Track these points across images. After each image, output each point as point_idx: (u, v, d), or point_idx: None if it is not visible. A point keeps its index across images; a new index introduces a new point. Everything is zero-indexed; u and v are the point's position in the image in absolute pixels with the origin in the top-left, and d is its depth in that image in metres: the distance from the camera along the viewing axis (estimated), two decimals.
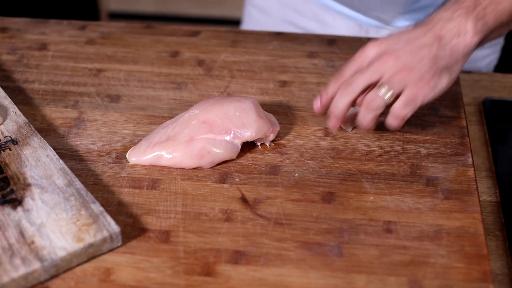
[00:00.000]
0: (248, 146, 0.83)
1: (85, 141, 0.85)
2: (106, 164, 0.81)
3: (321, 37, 1.05)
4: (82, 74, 0.97)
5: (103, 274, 0.69)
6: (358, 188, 0.78)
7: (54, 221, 0.72)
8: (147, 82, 0.95)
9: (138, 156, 0.82)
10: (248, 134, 0.81)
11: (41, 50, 1.02)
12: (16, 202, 0.74)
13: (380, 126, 0.87)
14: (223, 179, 0.79)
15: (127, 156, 0.82)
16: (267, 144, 0.84)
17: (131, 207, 0.76)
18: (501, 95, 1.01)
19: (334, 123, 0.83)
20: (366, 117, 0.81)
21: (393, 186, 0.78)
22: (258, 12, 1.23)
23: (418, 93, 0.79)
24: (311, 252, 0.71)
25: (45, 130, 0.87)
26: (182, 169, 0.81)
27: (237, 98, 0.84)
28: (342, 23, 1.14)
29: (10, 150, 0.80)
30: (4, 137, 0.82)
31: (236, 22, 1.51)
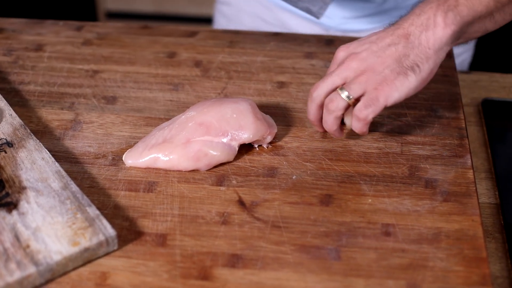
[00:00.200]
0: (245, 148, 0.83)
1: (81, 143, 0.84)
2: (102, 167, 0.81)
3: (319, 37, 1.05)
4: (78, 76, 0.96)
5: (99, 279, 0.68)
6: (356, 191, 0.77)
7: (50, 225, 0.71)
8: (144, 83, 0.95)
9: (135, 159, 0.81)
10: (245, 136, 0.81)
11: (37, 51, 1.02)
12: (11, 206, 0.73)
13: (378, 128, 0.86)
14: (220, 182, 0.79)
15: (124, 159, 0.82)
16: (265, 146, 0.83)
17: (128, 210, 0.75)
18: (500, 96, 1.00)
19: (318, 129, 0.84)
20: (327, 119, 0.80)
21: (392, 188, 0.77)
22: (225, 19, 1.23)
23: (380, 94, 0.77)
24: (309, 256, 0.70)
25: (41, 132, 0.86)
26: (179, 172, 0.80)
27: (234, 100, 0.83)
28: (308, 27, 1.14)
29: (6, 153, 0.80)
30: (0, 140, 0.82)
31: None
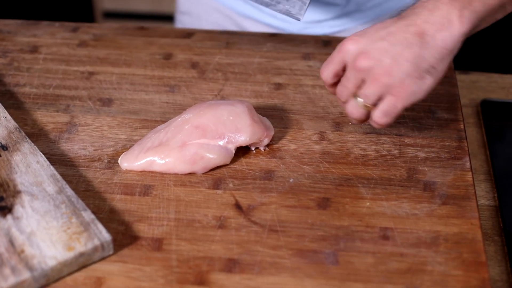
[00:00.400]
0: (242, 151, 0.82)
1: (77, 146, 0.84)
2: (98, 170, 0.80)
3: (317, 38, 1.04)
4: (74, 77, 0.96)
5: (94, 284, 0.67)
6: (354, 194, 0.77)
7: (45, 229, 0.70)
8: (140, 85, 0.94)
9: (130, 162, 0.80)
10: (242, 139, 0.80)
11: (33, 53, 1.01)
12: (6, 210, 0.72)
13: (376, 129, 0.85)
14: (217, 185, 0.78)
15: (119, 162, 0.81)
16: (262, 149, 0.82)
17: (123, 214, 0.75)
18: (499, 96, 0.99)
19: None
20: (355, 124, 0.80)
21: (390, 192, 0.77)
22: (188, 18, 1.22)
23: (397, 101, 0.74)
24: (306, 260, 0.69)
25: (36, 135, 0.85)
26: (175, 175, 0.79)
27: (231, 102, 0.82)
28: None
29: (0, 156, 0.79)
30: None
31: None
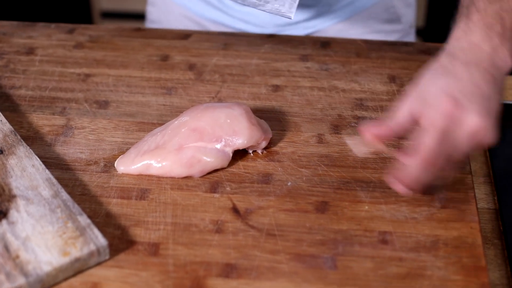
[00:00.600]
0: (240, 154, 0.81)
1: (73, 150, 0.83)
2: (94, 174, 0.79)
3: (315, 40, 1.03)
4: (70, 80, 0.95)
5: None
6: (353, 197, 0.76)
7: (40, 234, 0.70)
8: (137, 88, 0.93)
9: (127, 165, 0.79)
10: (240, 142, 0.79)
11: (29, 55, 1.00)
12: (1, 215, 0.72)
13: None
14: (214, 189, 0.77)
15: (116, 165, 0.80)
16: (259, 152, 0.82)
17: (119, 219, 0.74)
18: None
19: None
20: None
21: (389, 195, 0.76)
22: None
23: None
24: (304, 265, 0.69)
25: (32, 138, 0.84)
26: (172, 178, 0.78)
27: (228, 105, 0.82)
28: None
29: None
30: None
31: None
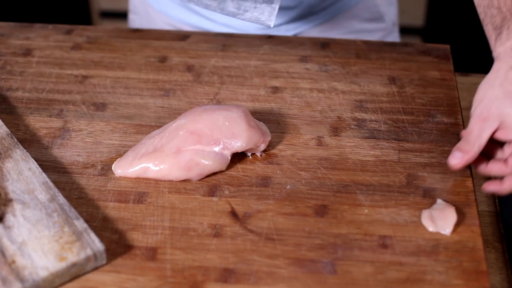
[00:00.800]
0: (238, 157, 0.80)
1: (70, 152, 0.82)
2: (91, 177, 0.79)
3: (314, 40, 1.02)
4: (68, 81, 0.94)
5: None
6: (352, 201, 0.75)
7: (36, 239, 0.69)
8: (134, 89, 0.92)
9: (124, 168, 0.79)
10: (238, 145, 0.78)
11: (26, 56, 0.99)
12: None
13: (375, 134, 0.84)
14: (212, 192, 0.76)
15: (113, 168, 0.79)
16: (258, 155, 0.81)
17: (117, 223, 0.73)
18: None
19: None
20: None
21: (389, 198, 0.75)
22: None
23: None
24: (304, 270, 0.68)
25: (29, 141, 0.84)
26: (170, 182, 0.78)
27: (227, 107, 0.81)
28: None
29: None
30: None
31: None
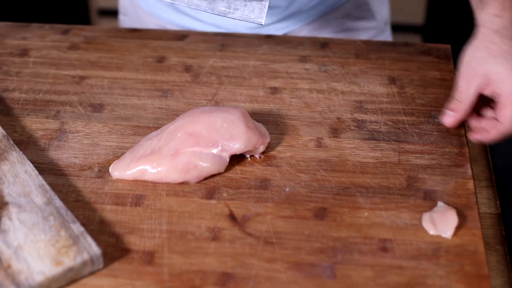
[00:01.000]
0: (237, 159, 0.80)
1: (67, 154, 0.81)
2: (88, 179, 0.78)
3: (314, 40, 1.01)
4: (64, 82, 0.93)
5: None
6: (352, 203, 0.74)
7: (32, 243, 0.68)
8: (132, 90, 0.91)
9: (122, 171, 0.78)
10: (237, 147, 0.78)
11: (22, 56, 0.98)
12: None
13: (375, 136, 0.83)
14: (211, 195, 0.76)
15: (110, 171, 0.78)
16: (257, 156, 0.80)
17: (114, 226, 0.72)
18: None
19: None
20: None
21: (389, 201, 0.74)
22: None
23: None
24: (303, 274, 0.67)
25: (25, 143, 0.83)
26: (168, 184, 0.77)
27: (225, 108, 0.80)
28: None
29: None
30: None
31: None
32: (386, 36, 1.17)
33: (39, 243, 0.68)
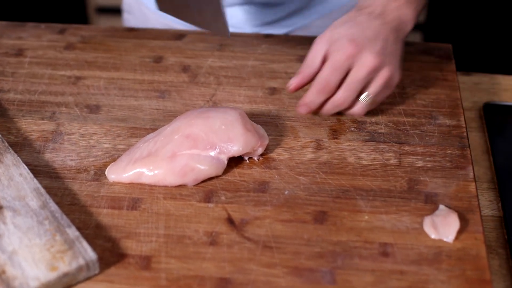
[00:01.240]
0: (235, 161, 0.78)
1: (62, 157, 0.80)
2: (84, 182, 0.77)
3: (313, 39, 1.00)
4: (60, 83, 0.92)
5: None
6: (352, 207, 0.73)
7: (27, 248, 0.67)
8: (129, 91, 0.90)
9: (118, 173, 0.77)
10: (235, 149, 0.76)
11: (18, 57, 0.97)
12: None
13: (375, 137, 0.82)
14: (208, 198, 0.74)
15: (106, 173, 0.77)
16: (255, 159, 0.79)
17: (110, 230, 0.71)
18: (503, 99, 0.96)
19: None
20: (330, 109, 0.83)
21: (390, 204, 0.73)
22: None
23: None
24: (302, 279, 0.66)
25: (20, 145, 0.82)
26: (165, 187, 0.76)
27: (223, 110, 0.79)
28: None
29: None
30: None
31: None
32: None
33: (34, 248, 0.67)
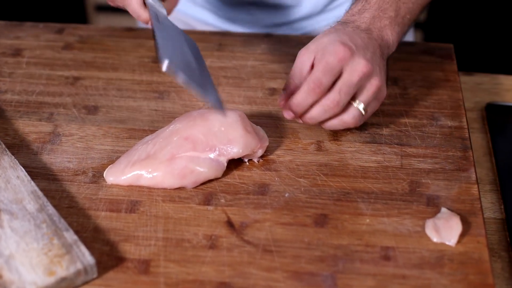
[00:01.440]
0: (235, 163, 0.77)
1: (60, 159, 0.79)
2: (82, 185, 0.76)
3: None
4: (58, 83, 0.91)
5: None
6: (354, 209, 0.72)
7: (24, 252, 0.66)
8: (127, 91, 0.89)
9: (116, 176, 0.76)
10: (235, 151, 0.75)
11: (15, 57, 0.96)
12: None
13: (376, 139, 0.81)
14: (208, 200, 0.74)
15: (105, 176, 0.76)
16: (255, 161, 0.78)
17: (108, 233, 0.70)
18: (505, 99, 0.95)
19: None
20: (335, 124, 0.80)
21: (391, 207, 0.72)
22: None
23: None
24: (303, 283, 0.65)
25: (17, 146, 0.81)
26: (164, 190, 0.75)
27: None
28: None
29: None
30: None
31: None
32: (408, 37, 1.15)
33: (31, 252, 0.66)
